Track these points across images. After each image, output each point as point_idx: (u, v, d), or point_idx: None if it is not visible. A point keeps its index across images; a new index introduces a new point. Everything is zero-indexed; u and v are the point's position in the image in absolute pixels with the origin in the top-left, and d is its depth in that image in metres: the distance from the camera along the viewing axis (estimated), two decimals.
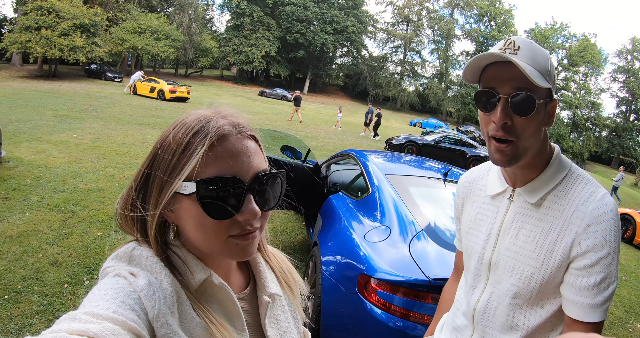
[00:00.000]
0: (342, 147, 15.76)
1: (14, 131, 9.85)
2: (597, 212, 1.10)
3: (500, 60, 1.09)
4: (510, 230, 1.26)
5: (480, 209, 1.38)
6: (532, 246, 1.19)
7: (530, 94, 1.08)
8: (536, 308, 1.22)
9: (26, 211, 5.29)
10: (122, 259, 0.74)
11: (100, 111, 15.92)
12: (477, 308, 1.33)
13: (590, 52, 55.48)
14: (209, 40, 48.57)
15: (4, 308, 3.35)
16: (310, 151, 5.33)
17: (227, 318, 0.79)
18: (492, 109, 1.11)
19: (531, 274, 1.18)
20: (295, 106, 24.20)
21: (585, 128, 58.77)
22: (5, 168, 6.89)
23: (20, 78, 28.34)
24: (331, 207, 4.09)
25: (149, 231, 0.76)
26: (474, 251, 1.36)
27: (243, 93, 42.40)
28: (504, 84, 1.09)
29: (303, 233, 6.06)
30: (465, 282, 1.43)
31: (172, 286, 0.71)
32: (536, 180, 1.22)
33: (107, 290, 0.65)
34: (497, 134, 1.11)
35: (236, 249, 0.75)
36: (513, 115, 1.09)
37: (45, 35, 27.91)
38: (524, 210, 1.24)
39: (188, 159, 0.71)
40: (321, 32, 54.24)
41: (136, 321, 0.61)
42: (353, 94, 63.12)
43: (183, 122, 0.76)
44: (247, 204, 0.73)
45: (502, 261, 1.25)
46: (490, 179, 1.37)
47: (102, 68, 35.22)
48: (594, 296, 1.09)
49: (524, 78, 1.05)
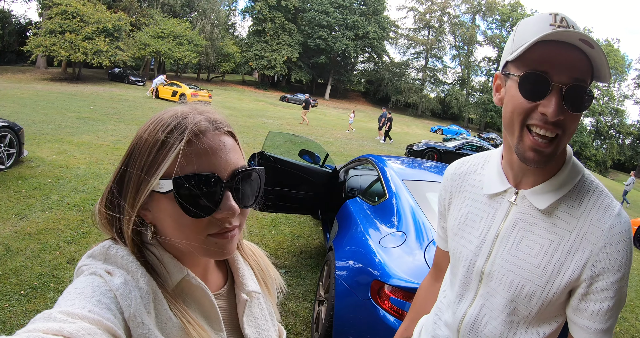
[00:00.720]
0: (362, 152, 15.72)
1: (37, 131, 10.03)
2: (615, 230, 0.97)
3: (564, 40, 0.90)
4: (511, 238, 1.09)
5: (473, 209, 1.21)
6: (537, 261, 1.04)
7: (589, 88, 0.93)
8: (533, 327, 1.09)
9: (46, 209, 5.37)
10: (98, 257, 0.72)
11: (122, 113, 16.17)
12: (465, 322, 1.18)
13: (613, 58, 54.54)
14: (231, 46, 48.97)
15: (19, 303, 3.39)
16: (328, 156, 5.30)
17: (204, 317, 0.79)
18: (540, 98, 0.93)
19: (533, 291, 1.04)
20: (305, 109, 24.53)
21: (609, 136, 57.83)
22: (27, 167, 7.01)
23: (44, 80, 28.92)
24: (348, 212, 4.06)
25: (125, 230, 0.74)
26: (463, 256, 1.20)
27: (264, 98, 42.63)
28: (561, 70, 0.91)
29: (320, 238, 6.03)
30: (451, 289, 1.27)
31: (149, 286, 0.70)
32: (547, 183, 1.06)
33: (82, 288, 0.64)
34: (546, 128, 0.94)
35: (215, 248, 0.74)
36: (565, 109, 0.92)
37: (70, 39, 28.42)
38: (529, 217, 1.08)
39: (165, 156, 0.70)
40: (342, 37, 54.32)
41: (112, 320, 0.60)
42: (374, 100, 63.00)
43: (160, 119, 0.74)
44: (226, 202, 0.71)
45: (497, 272, 1.10)
46: (488, 175, 1.19)
47: (125, 72, 35.74)
48: (606, 321, 0.99)
49: (583, 67, 0.92)
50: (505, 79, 1.03)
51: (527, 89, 0.94)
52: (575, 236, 1.00)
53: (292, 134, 14.34)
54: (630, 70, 59.28)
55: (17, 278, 3.72)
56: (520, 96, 0.95)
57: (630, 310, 5.76)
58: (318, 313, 3.59)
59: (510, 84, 1.00)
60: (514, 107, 0.98)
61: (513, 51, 0.97)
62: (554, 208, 1.04)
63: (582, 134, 54.15)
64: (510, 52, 0.98)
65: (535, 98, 0.93)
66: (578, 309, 1.01)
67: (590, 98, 0.93)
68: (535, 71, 0.92)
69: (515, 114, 0.98)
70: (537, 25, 0.94)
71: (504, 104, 1.03)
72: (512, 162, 1.10)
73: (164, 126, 0.72)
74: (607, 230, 0.97)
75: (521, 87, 0.95)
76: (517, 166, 1.08)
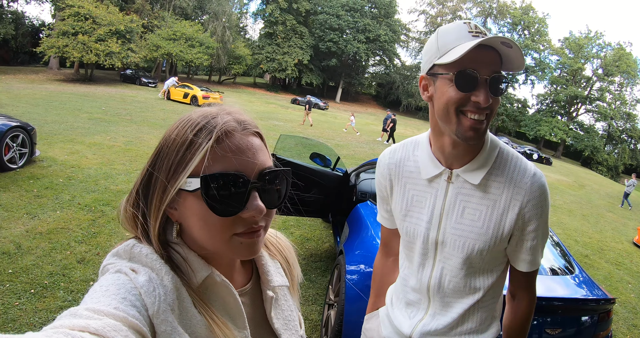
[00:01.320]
0: (373, 156, 15.68)
1: (49, 131, 10.12)
2: (534, 187, 1.25)
3: (491, 44, 1.13)
4: (454, 210, 1.33)
5: (415, 192, 1.42)
6: (480, 224, 1.29)
7: (504, 76, 1.19)
8: (487, 273, 1.38)
9: (57, 209, 5.41)
10: (122, 256, 0.74)
11: (134, 115, 16.26)
12: (432, 284, 1.41)
13: (625, 61, 53.63)
14: (242, 48, 49.09)
15: (29, 301, 3.41)
16: (339, 159, 5.28)
17: (228, 315, 0.79)
18: (472, 89, 1.15)
19: (482, 247, 1.29)
20: (308, 111, 24.63)
21: (621, 140, 56.94)
22: (39, 167, 7.07)
23: (57, 81, 29.18)
24: (358, 216, 4.04)
25: (152, 229, 0.75)
26: (417, 232, 1.41)
27: (275, 100, 42.71)
28: (484, 66, 1.14)
29: (330, 241, 6.01)
30: (410, 261, 1.50)
31: (173, 284, 0.71)
32: (474, 161, 1.30)
33: (108, 286, 0.65)
34: (479, 112, 1.17)
35: (240, 248, 0.74)
36: (490, 96, 1.15)
37: (82, 40, 28.60)
38: (466, 190, 1.31)
39: (192, 155, 0.71)
40: (354, 40, 54.18)
41: (137, 317, 0.61)
42: (385, 103, 62.71)
43: (188, 119, 0.76)
44: (252, 201, 0.72)
45: (449, 239, 1.33)
46: (422, 162, 1.40)
47: (137, 73, 35.92)
48: (537, 253, 1.33)
49: (498, 61, 1.16)
50: (433, 79, 1.24)
51: (461, 83, 1.15)
52: (505, 198, 1.27)
53: (303, 137, 14.33)
54: None
55: (28, 276, 3.74)
56: (453, 89, 1.16)
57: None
58: (327, 316, 3.57)
59: (440, 82, 1.20)
60: (448, 100, 1.18)
61: (442, 55, 1.18)
62: (485, 180, 1.29)
63: (593, 139, 53.39)
64: (438, 56, 1.19)
65: (468, 90, 1.15)
66: (517, 248, 1.33)
67: (506, 84, 1.20)
68: (466, 69, 1.14)
69: (449, 105, 1.18)
70: (457, 32, 1.17)
71: (436, 99, 1.23)
72: (443, 146, 1.31)
73: (193, 126, 0.73)
74: (528, 188, 1.25)
75: (457, 82, 1.16)
76: (447, 149, 1.30)
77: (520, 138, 60.72)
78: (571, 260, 3.40)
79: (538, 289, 1.46)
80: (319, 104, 43.34)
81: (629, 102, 56.56)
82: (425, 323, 1.45)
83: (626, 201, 19.40)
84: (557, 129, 53.13)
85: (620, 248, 10.05)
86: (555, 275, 3.05)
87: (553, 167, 34.05)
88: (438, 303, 1.43)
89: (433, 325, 1.44)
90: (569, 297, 2.77)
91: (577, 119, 58.28)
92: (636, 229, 11.96)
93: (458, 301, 1.40)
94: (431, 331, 1.44)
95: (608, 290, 6.42)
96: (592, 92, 56.97)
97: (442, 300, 1.42)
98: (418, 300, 1.49)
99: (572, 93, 54.84)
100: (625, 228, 13.15)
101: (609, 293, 2.97)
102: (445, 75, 1.18)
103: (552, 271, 3.08)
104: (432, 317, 1.45)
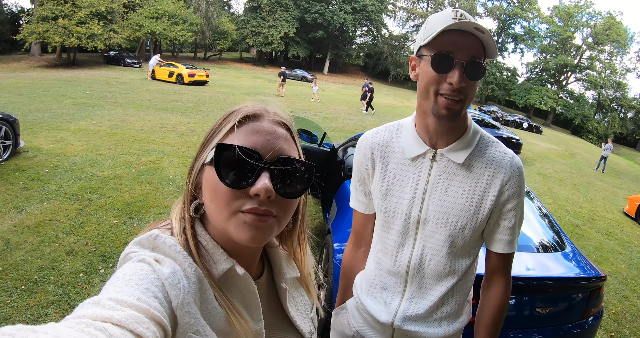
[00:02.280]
0: (363, 128, 15.64)
1: (33, 121, 9.96)
2: (514, 167, 1.34)
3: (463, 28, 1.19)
4: (438, 188, 1.37)
5: (398, 171, 1.44)
6: (463, 200, 1.35)
7: (482, 63, 1.24)
8: (466, 253, 1.43)
9: (44, 200, 5.34)
10: (145, 246, 0.75)
11: (119, 97, 16.04)
12: (412, 264, 1.43)
13: (615, 30, 53.54)
14: (227, 23, 48.25)
15: (20, 298, 3.38)
16: (325, 135, 5.23)
17: (245, 308, 0.80)
18: (447, 71, 1.21)
19: (465, 224, 1.35)
20: (282, 82, 24.92)
21: (611, 109, 57.29)
22: (24, 158, 6.96)
23: (39, 68, 28.69)
24: (346, 193, 4.01)
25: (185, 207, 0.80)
26: (398, 211, 1.43)
27: (262, 75, 42.24)
28: (461, 51, 1.21)
29: (320, 217, 5.99)
30: (384, 243, 1.50)
31: (196, 276, 0.72)
32: (459, 142, 1.37)
33: (131, 275, 0.65)
34: (453, 94, 1.22)
35: (244, 227, 0.74)
36: (466, 79, 1.21)
37: (63, 24, 28.03)
38: (450, 169, 1.37)
39: (219, 131, 0.78)
40: (340, 11, 53.13)
41: (159, 309, 0.61)
42: (374, 74, 62.25)
43: (230, 108, 0.83)
44: (261, 179, 0.72)
45: (432, 217, 1.37)
46: (406, 142, 1.44)
47: (120, 54, 35.36)
48: (514, 234, 1.40)
49: (478, 48, 1.22)
50: (419, 60, 1.31)
51: (437, 65, 1.22)
52: (487, 176, 1.34)
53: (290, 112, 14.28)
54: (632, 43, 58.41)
55: (18, 273, 3.71)
56: (432, 70, 1.23)
57: (632, 289, 5.77)
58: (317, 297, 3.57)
59: (423, 63, 1.28)
60: (428, 80, 1.25)
61: (425, 38, 1.24)
62: (468, 160, 1.36)
63: (583, 107, 53.59)
64: (423, 39, 1.26)
65: (443, 71, 1.22)
66: (495, 227, 1.40)
67: (483, 70, 1.24)
68: (442, 52, 1.22)
69: (429, 85, 1.25)
70: (442, 18, 1.22)
71: (419, 78, 1.31)
72: (428, 126, 1.37)
73: (230, 111, 0.81)
74: (508, 168, 1.34)
75: (433, 64, 1.23)
76: (432, 129, 1.37)
77: (510, 106, 60.79)
78: (562, 235, 3.40)
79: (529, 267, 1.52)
80: (306, 76, 43.02)
81: (618, 71, 56.76)
82: (404, 309, 1.46)
83: (602, 163, 20.37)
84: (547, 97, 53.33)
85: (610, 217, 10.18)
86: (546, 252, 3.04)
87: (543, 136, 34.19)
88: (416, 286, 1.45)
89: (413, 310, 1.45)
90: (560, 276, 2.77)
91: (567, 88, 58.51)
92: (626, 198, 12.08)
93: (437, 283, 1.43)
94: (412, 316, 1.45)
95: (599, 261, 6.54)
96: (582, 61, 57.07)
97: (420, 283, 1.44)
98: (394, 283, 1.49)
99: (562, 62, 54.83)
100: (616, 198, 13.31)
101: (600, 269, 2.98)
102: (426, 56, 1.26)
103: (543, 247, 3.08)
104: (409, 301, 1.46)
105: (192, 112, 14.40)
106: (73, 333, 0.48)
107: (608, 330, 4.40)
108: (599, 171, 19.80)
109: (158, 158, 8.03)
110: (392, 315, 1.47)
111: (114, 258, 4.17)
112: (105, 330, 0.51)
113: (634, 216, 10.50)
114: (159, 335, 0.59)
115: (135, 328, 0.55)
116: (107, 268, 3.99)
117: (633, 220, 10.45)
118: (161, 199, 5.91)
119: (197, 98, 18.66)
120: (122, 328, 0.54)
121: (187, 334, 0.66)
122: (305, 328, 0.96)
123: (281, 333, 0.91)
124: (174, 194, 6.19)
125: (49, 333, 0.46)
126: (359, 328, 1.60)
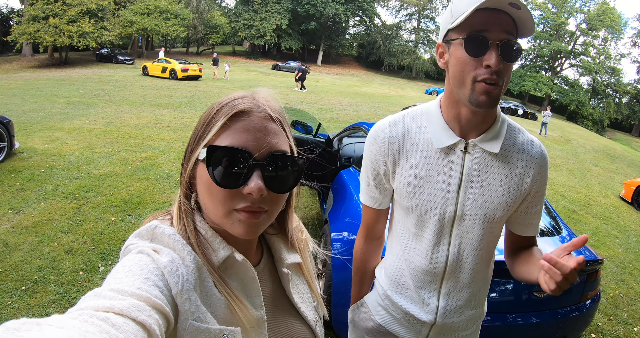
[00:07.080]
0: (357, 118, 15.63)
1: (27, 121, 9.91)
2: (543, 156, 1.32)
3: (496, 6, 1.09)
4: (474, 181, 1.29)
5: (426, 165, 1.31)
6: (500, 193, 1.28)
7: (517, 43, 1.14)
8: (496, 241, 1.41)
9: (41, 201, 5.33)
10: (144, 237, 0.76)
11: (112, 95, 15.98)
12: (449, 262, 1.36)
13: (609, 16, 53.35)
14: (218, 17, 48.08)
15: (21, 299, 3.39)
16: (320, 125, 5.23)
17: (246, 295, 0.81)
18: (482, 54, 1.12)
19: (501, 215, 1.30)
20: (214, 66, 27.27)
21: (605, 94, 57.18)
22: (20, 159, 6.94)
23: (31, 68, 28.55)
24: (342, 182, 4.02)
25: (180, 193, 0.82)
26: (430, 209, 1.33)
27: (256, 68, 42.11)
28: (495, 30, 1.11)
29: (317, 208, 6.01)
30: (418, 241, 1.40)
31: (195, 263, 0.73)
32: (490, 130, 1.28)
33: (130, 266, 0.66)
34: (492, 78, 1.12)
35: (239, 225, 0.76)
36: (502, 61, 1.12)
37: (54, 23, 27.94)
38: (484, 160, 1.28)
39: (210, 128, 0.77)
40: (332, 2, 52.81)
41: (160, 297, 0.63)
42: (367, 64, 62.23)
43: (218, 101, 0.82)
44: (253, 179, 0.74)
45: (469, 212, 1.30)
46: (434, 132, 1.31)
47: (113, 52, 35.18)
48: (540, 217, 1.41)
49: (511, 26, 1.12)
50: (447, 46, 1.21)
51: (471, 48, 1.12)
52: (520, 166, 1.29)
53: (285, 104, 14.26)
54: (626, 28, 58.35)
55: (18, 273, 3.71)
56: (465, 54, 1.13)
57: (629, 273, 5.79)
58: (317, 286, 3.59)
59: (454, 48, 1.18)
60: (462, 66, 1.15)
61: (453, 21, 1.14)
62: (503, 149, 1.28)
63: (578, 93, 53.50)
64: (451, 21, 1.16)
65: (479, 54, 1.11)
66: (526, 213, 1.38)
67: (519, 51, 1.15)
68: (475, 33, 1.11)
69: (465, 72, 1.15)
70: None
71: (451, 66, 1.20)
72: (460, 116, 1.27)
73: (218, 105, 0.80)
74: (539, 157, 1.31)
75: (467, 47, 1.13)
76: (464, 119, 1.27)
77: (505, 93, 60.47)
78: (558, 220, 3.43)
79: None
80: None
81: (613, 56, 56.71)
82: (444, 305, 1.41)
83: (543, 128, 23.58)
84: (541, 84, 53.26)
85: (607, 202, 10.20)
86: (543, 236, 3.06)
87: (538, 122, 34.20)
88: (453, 282, 1.39)
89: (452, 304, 1.42)
90: None
91: (561, 74, 58.43)
92: (622, 183, 12.12)
93: (474, 276, 1.39)
94: (452, 309, 1.42)
95: (596, 245, 6.57)
96: (576, 47, 56.96)
97: (457, 278, 1.39)
98: (429, 282, 1.41)
99: (556, 48, 54.68)
100: (612, 182, 13.32)
101: (597, 253, 3.00)
102: (457, 40, 1.16)
103: (540, 232, 3.09)
104: (447, 297, 1.41)
105: (186, 108, 14.35)
106: (77, 324, 0.49)
107: (606, 313, 4.43)
108: (542, 136, 22.60)
109: (154, 154, 8.02)
110: (433, 314, 1.42)
111: (113, 255, 4.17)
112: (108, 320, 0.53)
113: (630, 200, 10.50)
114: (161, 322, 0.60)
115: (137, 316, 0.56)
116: (107, 265, 3.99)
117: (629, 204, 10.46)
118: (158, 195, 5.90)
119: (191, 93, 18.61)
120: (124, 316, 0.55)
121: (188, 321, 0.68)
122: (310, 316, 0.97)
123: (286, 319, 0.92)
124: (170, 189, 6.19)
125: (52, 325, 0.47)
126: (383, 323, 1.54)
